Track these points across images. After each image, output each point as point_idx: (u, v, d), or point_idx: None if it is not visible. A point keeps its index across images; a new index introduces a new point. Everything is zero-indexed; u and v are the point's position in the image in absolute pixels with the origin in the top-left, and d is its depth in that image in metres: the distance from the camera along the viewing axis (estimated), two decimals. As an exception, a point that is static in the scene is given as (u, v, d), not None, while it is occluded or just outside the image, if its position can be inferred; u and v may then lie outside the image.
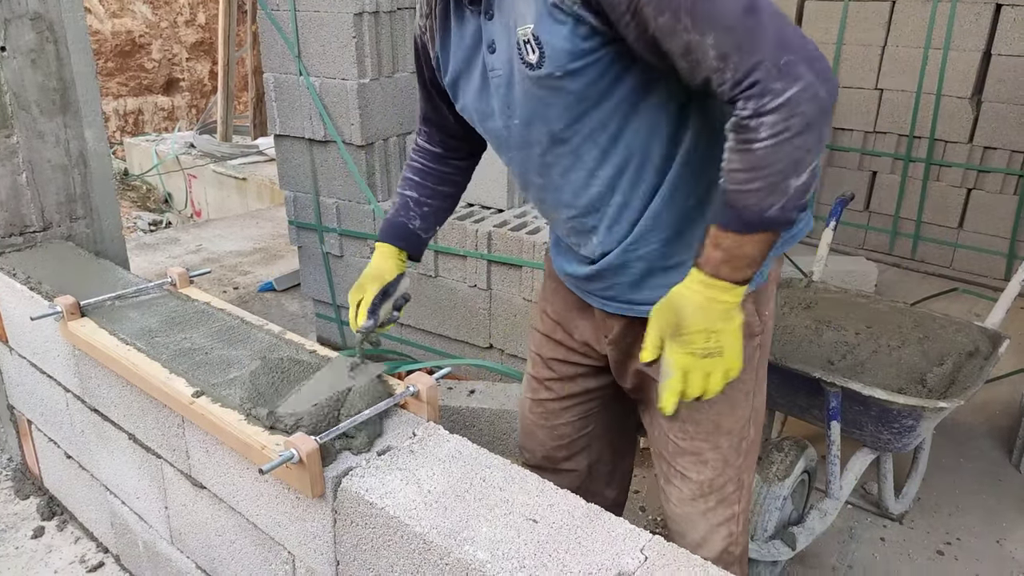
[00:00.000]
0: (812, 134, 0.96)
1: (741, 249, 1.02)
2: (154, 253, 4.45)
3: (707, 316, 1.05)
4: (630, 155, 1.12)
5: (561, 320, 1.41)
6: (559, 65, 1.04)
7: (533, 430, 1.51)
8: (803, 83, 0.94)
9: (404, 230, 1.44)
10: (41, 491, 2.23)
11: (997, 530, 2.20)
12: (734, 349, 1.07)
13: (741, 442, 1.29)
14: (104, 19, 8.65)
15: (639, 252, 1.19)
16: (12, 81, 2.01)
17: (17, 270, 1.92)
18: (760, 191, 0.98)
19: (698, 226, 1.16)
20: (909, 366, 1.93)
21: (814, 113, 0.95)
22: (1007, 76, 3.74)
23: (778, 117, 0.95)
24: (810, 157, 0.97)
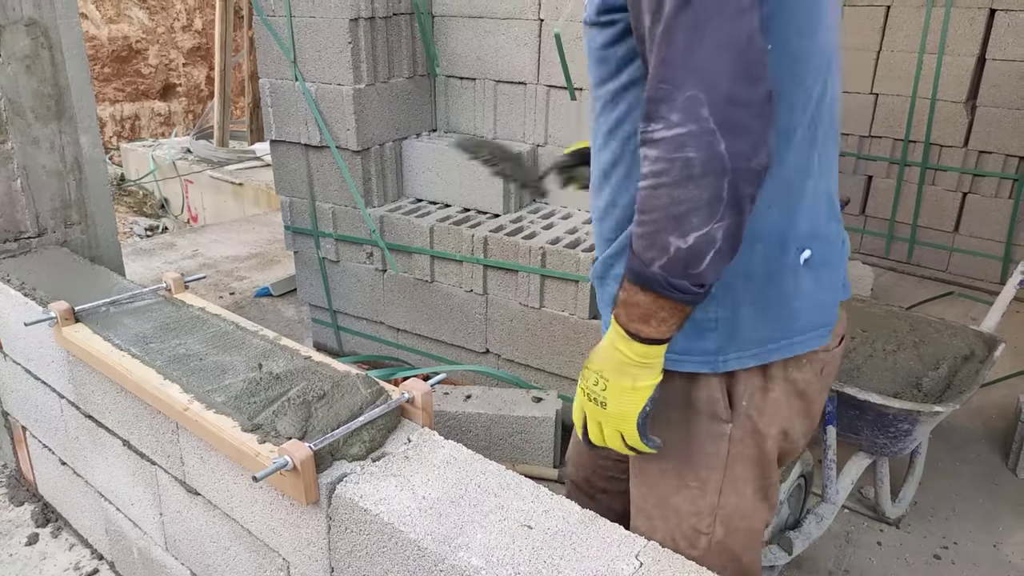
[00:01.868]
0: (698, 191, 0.82)
1: (634, 297, 0.91)
2: (150, 258, 4.44)
3: (602, 358, 0.98)
4: (624, 150, 1.04)
5: None
6: (590, 12, 1.00)
7: (581, 450, 1.44)
8: (701, 127, 0.80)
9: None
10: (35, 498, 2.22)
11: (994, 534, 2.20)
12: (621, 411, 0.97)
13: (698, 536, 1.14)
14: (100, 25, 8.65)
15: (614, 270, 1.09)
16: (6, 87, 2.01)
17: (11, 276, 1.91)
18: (641, 239, 0.87)
19: None
20: (905, 370, 1.93)
21: (701, 165, 0.81)
22: (1001, 81, 3.76)
23: (659, 153, 0.83)
24: (697, 220, 0.83)
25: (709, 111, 0.80)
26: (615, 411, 0.98)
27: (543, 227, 2.67)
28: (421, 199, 2.97)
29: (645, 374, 0.96)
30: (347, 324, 3.15)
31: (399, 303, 2.91)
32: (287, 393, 1.32)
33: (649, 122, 0.85)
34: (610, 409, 0.98)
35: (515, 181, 1.59)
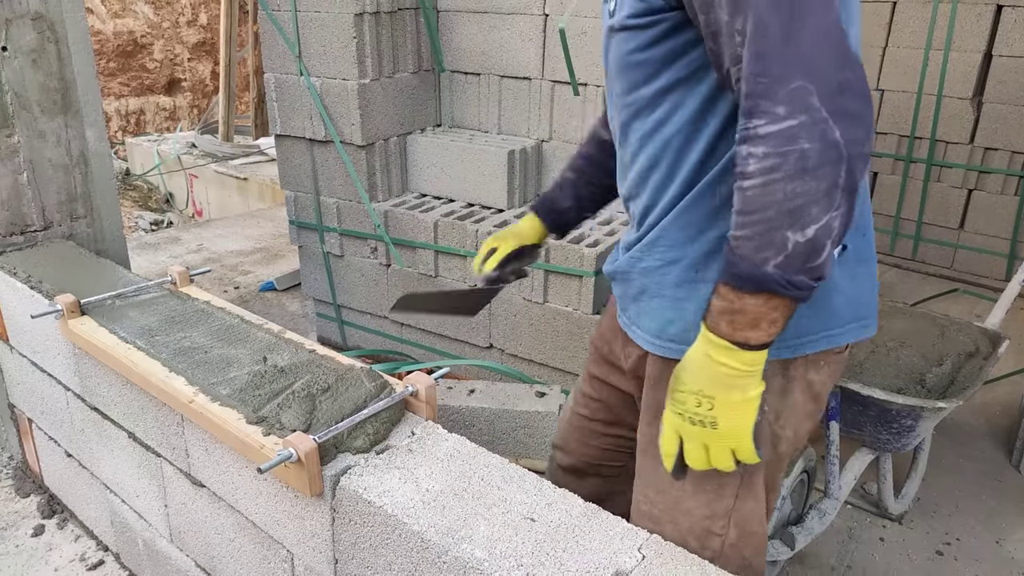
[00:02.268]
0: (816, 182, 0.81)
1: (740, 305, 0.88)
2: (155, 252, 4.45)
3: (701, 376, 0.93)
4: (665, 150, 1.03)
5: (610, 335, 1.33)
6: (621, 17, 0.99)
7: (569, 437, 1.45)
8: (811, 117, 0.80)
9: (553, 205, 1.44)
10: (41, 489, 2.24)
11: (997, 531, 2.20)
12: (735, 427, 0.92)
13: (710, 536, 1.11)
14: (106, 19, 8.66)
15: (642, 264, 1.10)
16: (13, 81, 2.02)
17: (18, 269, 1.92)
18: (751, 240, 0.85)
19: (704, 267, 1.04)
20: (908, 366, 1.93)
21: (818, 155, 0.80)
22: (1008, 77, 3.74)
23: (768, 148, 0.81)
24: (816, 211, 0.81)
25: (819, 100, 0.80)
26: (728, 428, 0.93)
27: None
28: (425, 194, 2.98)
29: (753, 383, 0.92)
30: (351, 318, 3.16)
31: (403, 298, 2.91)
32: (292, 386, 1.33)
33: (750, 118, 0.83)
34: (722, 428, 0.93)
35: (465, 314, 1.57)
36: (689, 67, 0.97)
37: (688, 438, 0.97)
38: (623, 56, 1.01)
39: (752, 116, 0.83)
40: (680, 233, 1.05)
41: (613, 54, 1.04)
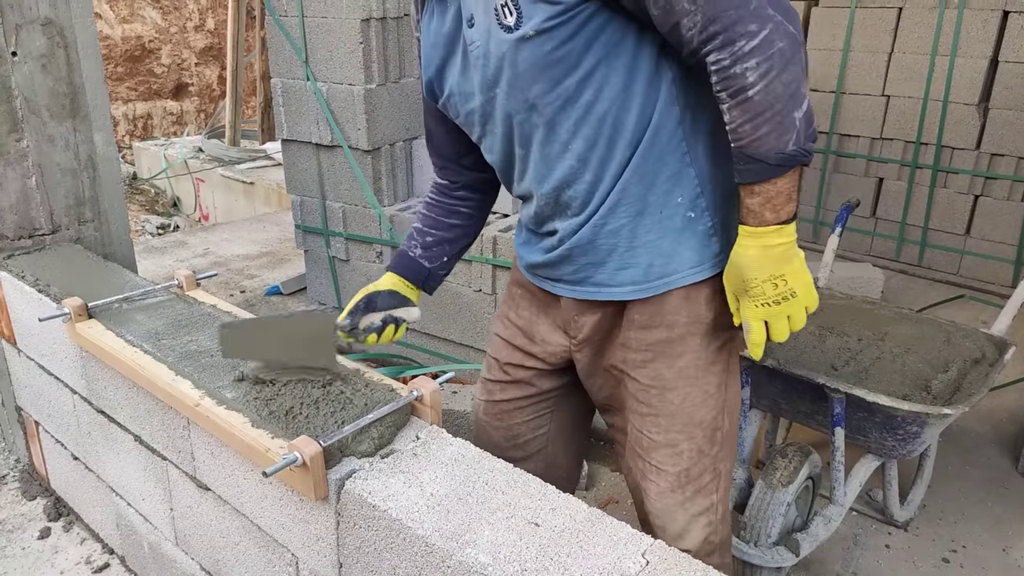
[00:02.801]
0: (795, 67, 1.01)
1: (776, 189, 1.06)
2: (162, 256, 4.47)
3: (767, 264, 1.09)
4: (601, 128, 1.13)
5: (524, 325, 1.42)
6: (535, 24, 1.06)
7: (487, 431, 1.52)
8: (774, 23, 0.99)
9: (405, 258, 1.48)
10: (48, 492, 2.25)
11: (1003, 538, 2.19)
12: (805, 285, 1.11)
13: (715, 432, 1.30)
14: (114, 24, 8.71)
15: (608, 227, 1.20)
16: (23, 86, 2.03)
17: (26, 272, 1.94)
18: (772, 133, 1.02)
19: (669, 203, 1.18)
20: (914, 372, 1.93)
21: (790, 47, 0.99)
22: (1014, 83, 3.73)
23: (760, 58, 0.99)
24: (803, 88, 1.02)
25: (772, 9, 0.99)
26: (804, 290, 1.11)
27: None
28: (431, 199, 2.98)
29: (795, 247, 1.11)
30: (356, 323, 3.16)
31: (408, 302, 2.92)
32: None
33: (732, 44, 0.99)
34: (800, 292, 1.11)
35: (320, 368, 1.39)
36: (608, 44, 1.08)
37: (775, 319, 1.13)
38: (542, 58, 1.08)
39: (733, 42, 0.99)
40: (638, 186, 1.17)
41: (525, 61, 1.09)
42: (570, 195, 1.20)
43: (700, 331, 1.24)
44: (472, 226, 1.52)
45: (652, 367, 1.26)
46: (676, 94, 1.13)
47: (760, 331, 1.14)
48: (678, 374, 1.25)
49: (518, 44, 1.08)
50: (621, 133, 1.13)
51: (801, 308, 1.12)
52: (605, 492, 2.34)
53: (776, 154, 1.03)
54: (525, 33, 1.07)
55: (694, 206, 1.18)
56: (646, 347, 1.26)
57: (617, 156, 1.15)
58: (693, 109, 1.14)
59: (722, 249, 1.20)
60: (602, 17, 1.06)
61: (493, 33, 1.11)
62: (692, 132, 1.15)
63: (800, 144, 1.03)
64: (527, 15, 1.06)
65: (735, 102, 1.02)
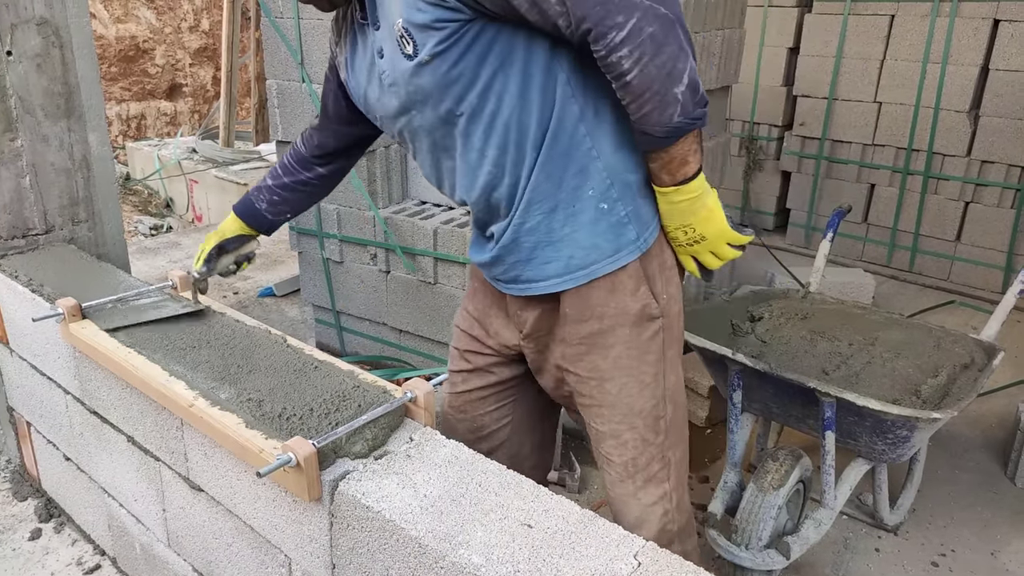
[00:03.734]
0: (669, 47, 1.07)
1: (668, 156, 1.16)
2: (155, 257, 4.46)
3: (674, 216, 1.24)
4: (508, 133, 1.20)
5: (480, 317, 1.49)
6: (428, 49, 1.13)
7: (453, 425, 1.57)
8: (641, 10, 1.05)
9: (251, 207, 1.67)
10: (39, 493, 2.24)
11: (991, 542, 2.21)
12: (714, 230, 1.24)
13: (658, 421, 1.35)
14: (108, 24, 8.69)
15: (526, 226, 1.26)
16: (17, 85, 2.03)
17: (19, 272, 1.93)
18: (655, 110, 1.11)
19: (580, 197, 1.24)
20: (904, 377, 1.94)
21: (661, 29, 1.06)
22: (1004, 91, 3.77)
23: (631, 47, 1.05)
24: (680, 64, 1.09)
25: None
26: (714, 231, 1.24)
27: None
28: (425, 201, 2.99)
29: (708, 197, 1.23)
30: (350, 325, 3.16)
31: (402, 304, 2.92)
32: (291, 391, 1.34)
33: (604, 36, 1.06)
34: (710, 236, 1.24)
35: None
36: (501, 55, 1.15)
37: (698, 255, 1.28)
38: (442, 78, 1.16)
39: (605, 35, 1.06)
40: (547, 184, 1.23)
41: (427, 83, 1.18)
42: (496, 198, 1.27)
43: (628, 321, 1.29)
44: (318, 195, 1.66)
45: (588, 359, 1.33)
46: (572, 91, 1.19)
47: (689, 262, 1.31)
48: (612, 364, 1.31)
49: (418, 69, 1.17)
50: (526, 135, 1.20)
51: (718, 245, 1.25)
52: (598, 495, 2.35)
53: (661, 128, 1.12)
54: (422, 59, 1.15)
55: (605, 197, 1.24)
56: (579, 340, 1.32)
57: (527, 158, 1.22)
58: (594, 102, 1.21)
59: (639, 235, 1.26)
60: (490, 32, 1.13)
61: (397, 62, 1.19)
62: (595, 125, 1.22)
63: (687, 114, 1.11)
64: (420, 42, 1.14)
65: (618, 86, 1.11)
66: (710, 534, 1.88)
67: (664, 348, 1.34)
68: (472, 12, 1.12)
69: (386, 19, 1.18)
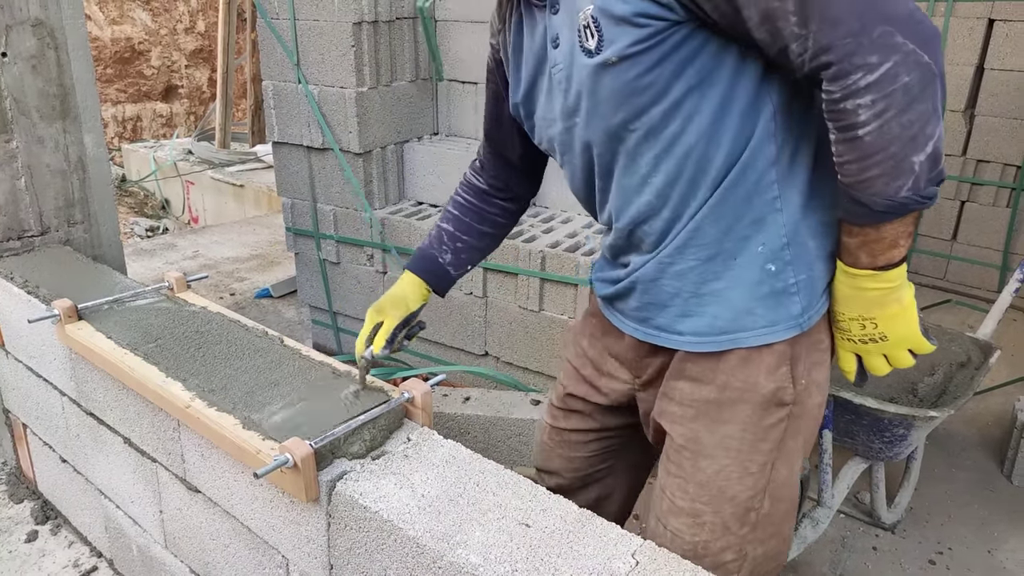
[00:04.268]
0: (923, 104, 0.88)
1: (878, 235, 0.97)
2: (151, 259, 4.45)
3: (855, 305, 1.04)
4: (685, 162, 1.03)
5: (595, 357, 1.33)
6: (618, 49, 0.96)
7: (550, 456, 1.45)
8: (901, 54, 0.86)
9: (433, 263, 1.40)
10: (35, 495, 2.23)
11: (988, 540, 2.21)
12: (900, 332, 1.03)
13: (748, 512, 1.16)
14: (104, 26, 8.67)
15: (674, 268, 1.10)
16: (12, 86, 2.03)
17: (15, 274, 1.93)
18: (882, 177, 0.91)
19: (746, 251, 1.06)
20: (900, 375, 1.94)
21: (919, 82, 0.87)
22: (1000, 90, 3.78)
23: (876, 95, 0.87)
24: (929, 129, 0.89)
25: (903, 37, 0.86)
26: (898, 337, 1.04)
27: (543, 231, 2.68)
28: (422, 202, 2.99)
29: (904, 292, 1.02)
30: (347, 325, 3.16)
31: (399, 305, 2.92)
32: (288, 392, 1.33)
33: (847, 77, 0.87)
34: (892, 338, 1.04)
35: None
36: (700, 73, 0.97)
37: (866, 354, 1.08)
38: (625, 85, 0.99)
39: (848, 75, 0.87)
40: (714, 228, 1.06)
41: (606, 88, 1.01)
42: (645, 231, 1.11)
43: (754, 399, 1.11)
44: (501, 236, 1.45)
45: (691, 427, 1.15)
46: (775, 130, 1.01)
47: (848, 361, 1.10)
48: (718, 443, 1.13)
49: (599, 70, 0.99)
50: (706, 170, 1.03)
51: (897, 349, 1.04)
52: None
53: (884, 200, 0.92)
54: (607, 59, 0.98)
55: (776, 258, 1.06)
56: (690, 403, 1.15)
57: (699, 194, 1.05)
58: (794, 147, 1.03)
59: (803, 311, 1.08)
60: (696, 41, 0.95)
61: (576, 56, 1.02)
62: (788, 174, 1.03)
63: (918, 190, 0.92)
64: (609, 39, 0.97)
65: (841, 139, 0.92)
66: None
67: (784, 438, 1.13)
68: (685, 13, 0.93)
69: (568, 3, 1.02)
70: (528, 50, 1.14)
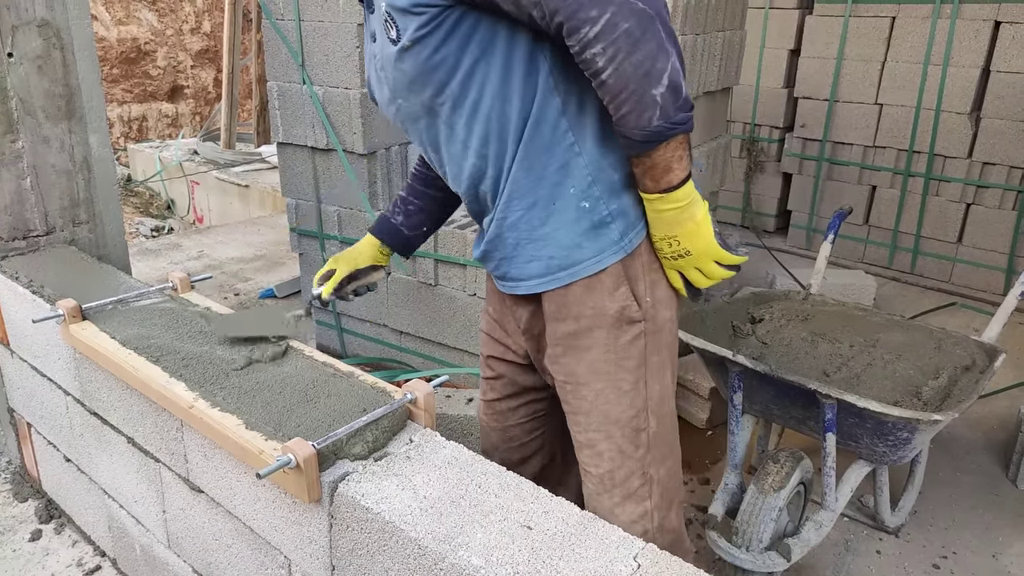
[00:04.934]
0: (647, 45, 1.01)
1: (651, 161, 1.10)
2: (156, 259, 4.46)
3: (659, 226, 1.17)
4: (490, 122, 1.16)
5: (498, 317, 1.46)
6: (409, 35, 1.11)
7: (488, 433, 1.55)
8: (615, 4, 0.99)
9: (387, 223, 1.55)
10: (39, 494, 2.24)
11: (993, 544, 2.20)
12: (700, 246, 1.16)
13: (638, 433, 1.27)
14: (110, 26, 8.70)
15: (508, 221, 1.23)
16: (18, 87, 2.03)
17: (20, 274, 1.93)
18: (632, 112, 1.05)
19: (561, 195, 1.19)
20: (905, 379, 1.94)
21: (638, 25, 1.00)
22: (1005, 92, 3.77)
23: (605, 43, 1.00)
24: (659, 64, 1.02)
25: None
26: (700, 247, 1.16)
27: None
28: (426, 203, 2.99)
29: (696, 209, 1.15)
30: (350, 326, 3.16)
31: (402, 306, 2.93)
32: (292, 392, 1.34)
33: (577, 31, 1.01)
34: (695, 251, 1.17)
35: None
36: (481, 44, 1.11)
37: (683, 269, 1.21)
38: (422, 64, 1.13)
39: (578, 29, 1.01)
40: (526, 179, 1.19)
41: (409, 70, 1.15)
42: (483, 191, 1.24)
43: (606, 323, 1.23)
44: (450, 198, 1.55)
45: (564, 362, 1.28)
46: (554, 84, 1.15)
47: (675, 278, 1.23)
48: (588, 368, 1.25)
49: (401, 55, 1.14)
50: (507, 127, 1.16)
51: (704, 262, 1.17)
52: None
53: (640, 131, 1.06)
54: (404, 44, 1.12)
55: (587, 195, 1.19)
56: (557, 340, 1.27)
57: (508, 150, 1.18)
58: (578, 97, 1.16)
59: (623, 235, 1.21)
60: (471, 18, 1.10)
61: (385, 47, 1.17)
62: (578, 121, 1.17)
63: (667, 118, 1.05)
64: (402, 27, 1.11)
65: (595, 85, 1.06)
66: (710, 536, 1.87)
67: (646, 354, 1.25)
68: None
69: (377, 2, 1.16)
70: (367, 44, 1.29)
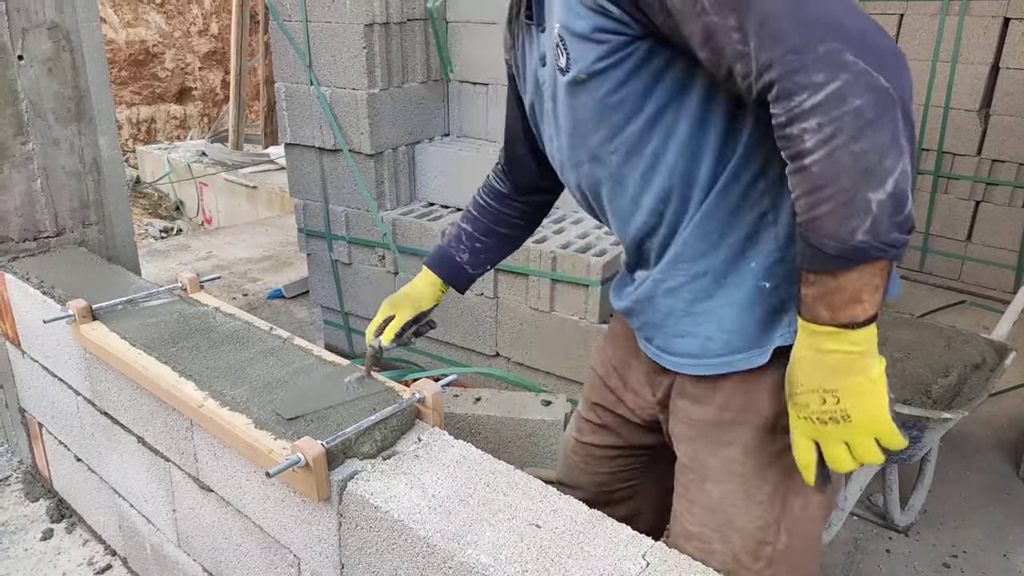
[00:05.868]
0: (879, 134, 0.77)
1: (836, 284, 0.83)
2: (165, 260, 4.48)
3: (815, 372, 0.88)
4: (672, 179, 0.99)
5: (619, 366, 1.29)
6: (583, 66, 0.95)
7: (575, 470, 1.40)
8: (851, 73, 0.76)
9: (450, 262, 1.41)
10: (51, 493, 2.25)
11: (1004, 543, 2.19)
12: (870, 413, 0.87)
13: (761, 546, 1.08)
14: (119, 29, 8.75)
15: (665, 285, 1.06)
16: (29, 89, 2.05)
17: (31, 274, 1.95)
18: (831, 215, 0.80)
19: (738, 269, 1.01)
20: (914, 377, 1.93)
21: (873, 106, 0.76)
22: (1015, 89, 3.74)
23: (822, 119, 0.77)
24: (888, 162, 0.78)
25: (853, 54, 0.76)
26: (863, 417, 0.88)
27: (554, 231, 2.68)
28: (433, 203, 3.00)
29: (872, 361, 0.87)
30: (359, 326, 3.17)
31: (410, 306, 2.93)
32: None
33: (791, 98, 0.78)
34: (856, 419, 0.88)
35: None
36: (671, 88, 0.95)
37: (824, 440, 0.91)
38: (597, 103, 0.97)
39: (792, 95, 0.78)
40: (701, 243, 1.01)
41: (582, 107, 0.99)
42: (648, 247, 1.08)
43: (756, 423, 1.04)
44: (521, 237, 1.44)
45: (694, 447, 1.11)
46: (758, 143, 0.95)
47: (806, 450, 0.92)
48: (721, 466, 1.07)
49: (572, 88, 0.98)
50: (692, 187, 0.99)
51: (861, 435, 0.88)
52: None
53: (835, 242, 0.80)
54: (576, 76, 0.96)
55: (770, 274, 0.99)
56: (692, 422, 1.11)
57: (691, 209, 1.00)
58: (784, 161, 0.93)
59: (793, 324, 1.00)
60: (662, 56, 0.92)
61: (556, 75, 1.00)
62: (778, 186, 0.96)
63: (877, 235, 0.79)
64: (575, 57, 0.95)
65: (793, 168, 0.82)
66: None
67: (795, 469, 0.98)
68: (640, 29, 0.90)
69: (549, 21, 1.00)
70: (528, 68, 1.13)
